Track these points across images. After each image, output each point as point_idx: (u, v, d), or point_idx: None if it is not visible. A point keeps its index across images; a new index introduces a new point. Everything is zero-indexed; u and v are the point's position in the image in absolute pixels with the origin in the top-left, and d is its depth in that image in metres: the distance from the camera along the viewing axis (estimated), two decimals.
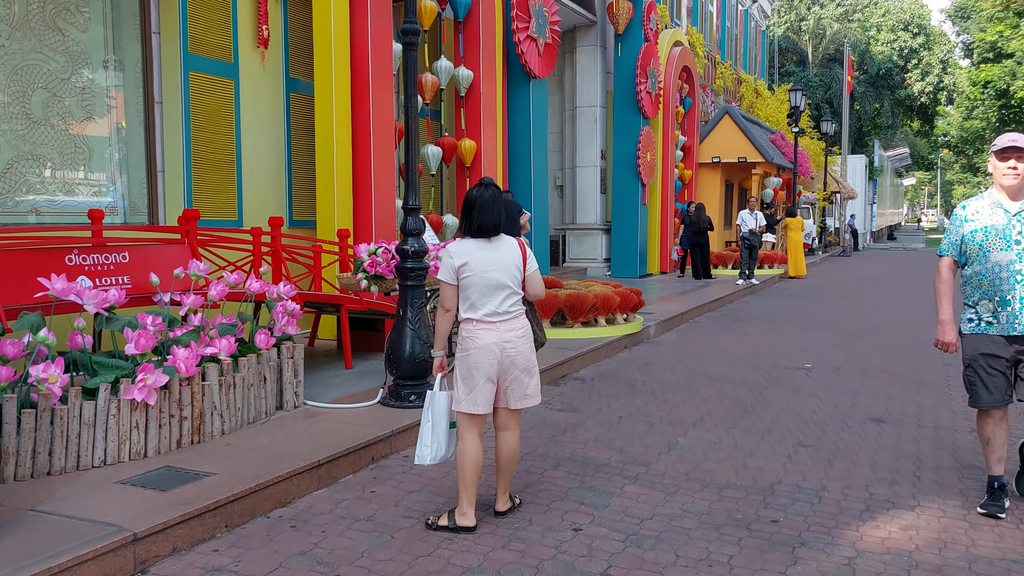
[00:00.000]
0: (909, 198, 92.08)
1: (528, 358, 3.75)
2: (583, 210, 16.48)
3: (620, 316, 8.74)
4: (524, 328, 3.76)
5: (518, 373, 3.73)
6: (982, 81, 30.79)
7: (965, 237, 4.02)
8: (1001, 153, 3.92)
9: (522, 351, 3.72)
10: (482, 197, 3.75)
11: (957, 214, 4.11)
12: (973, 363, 4.01)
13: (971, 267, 4.02)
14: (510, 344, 3.68)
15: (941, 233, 65.78)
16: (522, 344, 3.72)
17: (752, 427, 5.56)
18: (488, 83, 10.18)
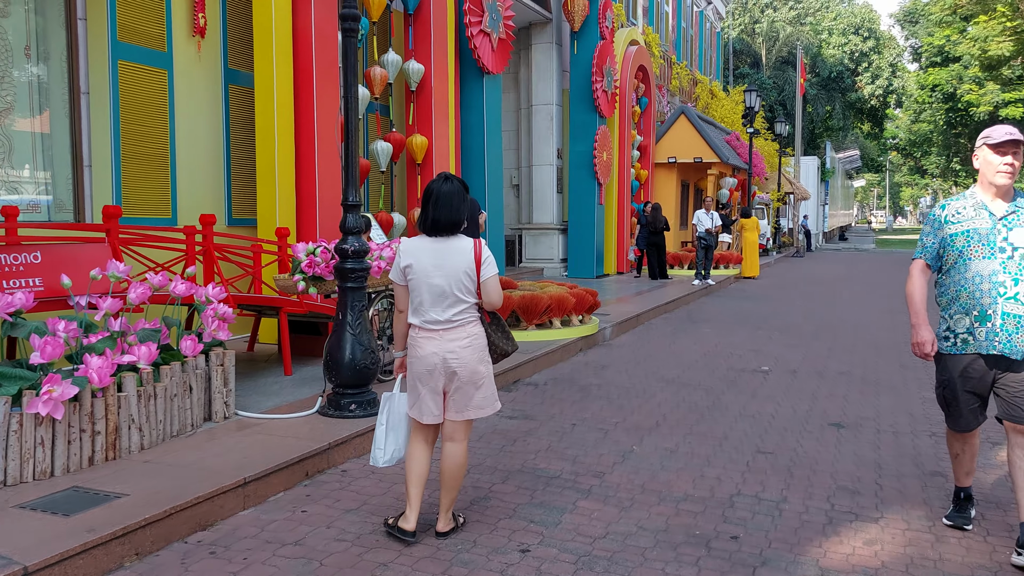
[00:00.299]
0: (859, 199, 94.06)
1: (473, 369, 3.47)
2: (539, 210, 16.25)
3: (575, 318, 8.51)
4: (470, 338, 3.48)
5: (461, 384, 3.48)
6: (930, 85, 31.43)
7: (944, 241, 3.56)
8: (998, 147, 3.43)
9: (465, 362, 3.45)
10: (440, 191, 3.47)
11: (936, 215, 3.63)
12: (949, 385, 3.64)
13: (949, 275, 3.57)
14: (452, 355, 3.43)
15: (891, 234, 67.31)
16: (466, 355, 3.45)
17: (709, 433, 5.36)
18: (440, 78, 9.87)
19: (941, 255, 3.60)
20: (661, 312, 11.61)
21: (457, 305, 3.43)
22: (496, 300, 3.49)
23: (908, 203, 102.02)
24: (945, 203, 3.66)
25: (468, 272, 3.43)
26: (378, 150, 9.06)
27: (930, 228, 3.66)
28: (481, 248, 3.48)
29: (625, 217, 17.27)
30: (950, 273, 3.57)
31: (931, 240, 3.64)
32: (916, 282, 3.70)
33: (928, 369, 7.66)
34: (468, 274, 3.43)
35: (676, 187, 21.22)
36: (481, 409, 3.55)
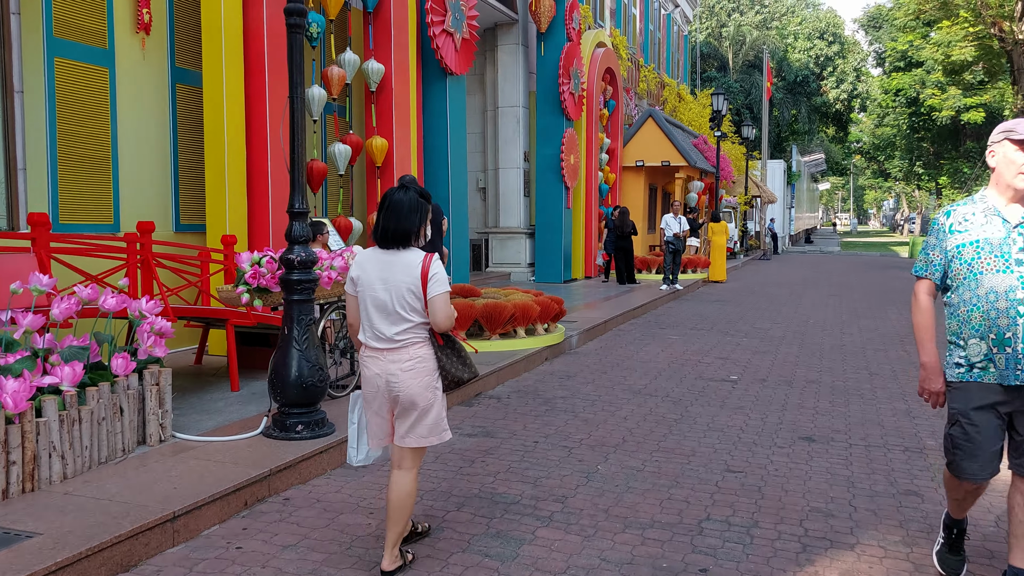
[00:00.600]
0: (824, 202, 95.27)
1: (415, 395, 3.20)
2: (506, 213, 16.00)
3: (540, 326, 8.26)
4: (413, 360, 3.21)
5: (403, 410, 3.25)
6: (893, 89, 31.77)
7: (950, 253, 3.02)
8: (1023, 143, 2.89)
9: (407, 387, 3.19)
10: (392, 199, 3.25)
11: (939, 222, 3.08)
12: (962, 421, 3.02)
13: (958, 293, 3.01)
14: (393, 378, 3.20)
15: (855, 237, 68.13)
16: (407, 379, 3.19)
17: (677, 449, 5.13)
18: (400, 78, 9.57)
19: (947, 270, 3.06)
20: (629, 318, 11.41)
21: (401, 323, 3.18)
22: (443, 321, 3.20)
23: (872, 206, 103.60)
24: (950, 209, 3.09)
25: (412, 288, 3.16)
26: (336, 153, 8.73)
27: (934, 239, 3.10)
28: (431, 263, 3.20)
29: (593, 221, 17.09)
30: (959, 290, 3.01)
31: (937, 254, 3.08)
32: (923, 308, 3.14)
33: (897, 377, 7.54)
34: (412, 291, 3.16)
35: (644, 191, 21.10)
36: (424, 439, 3.28)
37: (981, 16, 19.72)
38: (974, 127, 29.46)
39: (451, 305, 3.28)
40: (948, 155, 33.00)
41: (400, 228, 3.20)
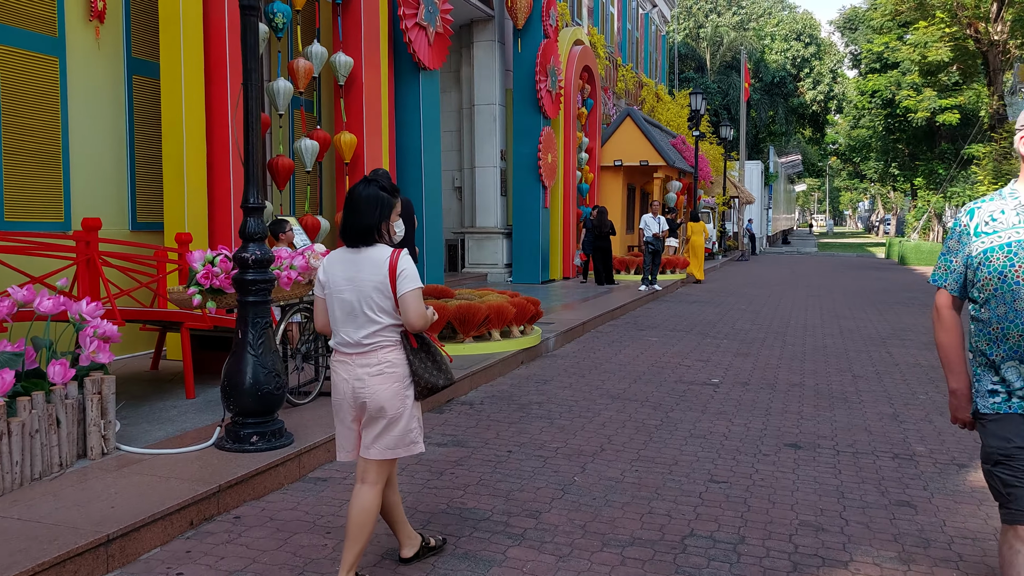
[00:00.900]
0: (801, 203, 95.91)
1: (383, 403, 2.98)
2: (483, 213, 15.71)
3: (516, 328, 7.98)
4: (382, 365, 2.99)
5: (369, 418, 3.03)
6: (869, 90, 31.87)
7: (975, 259, 2.51)
8: None
9: (373, 393, 2.98)
10: (353, 195, 3.06)
11: (961, 223, 2.57)
12: (1007, 462, 2.47)
13: (989, 307, 2.50)
14: (360, 383, 2.99)
15: (831, 237, 68.50)
16: (375, 384, 2.98)
17: (658, 457, 4.88)
18: (371, 72, 9.25)
19: (973, 279, 2.54)
20: (607, 319, 11.17)
21: (369, 325, 2.97)
22: (416, 320, 2.97)
23: (847, 207, 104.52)
24: (973, 207, 2.57)
25: (380, 287, 2.95)
26: (303, 148, 8.40)
27: (956, 243, 2.59)
28: (398, 259, 2.98)
29: (571, 221, 16.85)
30: (991, 304, 2.48)
31: (957, 261, 2.58)
32: (948, 325, 2.63)
33: (881, 379, 7.35)
34: (380, 289, 2.95)
35: (622, 190, 20.90)
36: (391, 450, 3.05)
37: (957, 17, 19.75)
38: (949, 128, 29.60)
39: (424, 303, 3.05)
40: (923, 156, 33.15)
41: (359, 224, 3.02)
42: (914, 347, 9.14)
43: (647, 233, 15.05)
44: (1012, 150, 20.64)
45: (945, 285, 2.63)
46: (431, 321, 3.09)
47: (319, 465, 4.57)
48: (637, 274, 17.32)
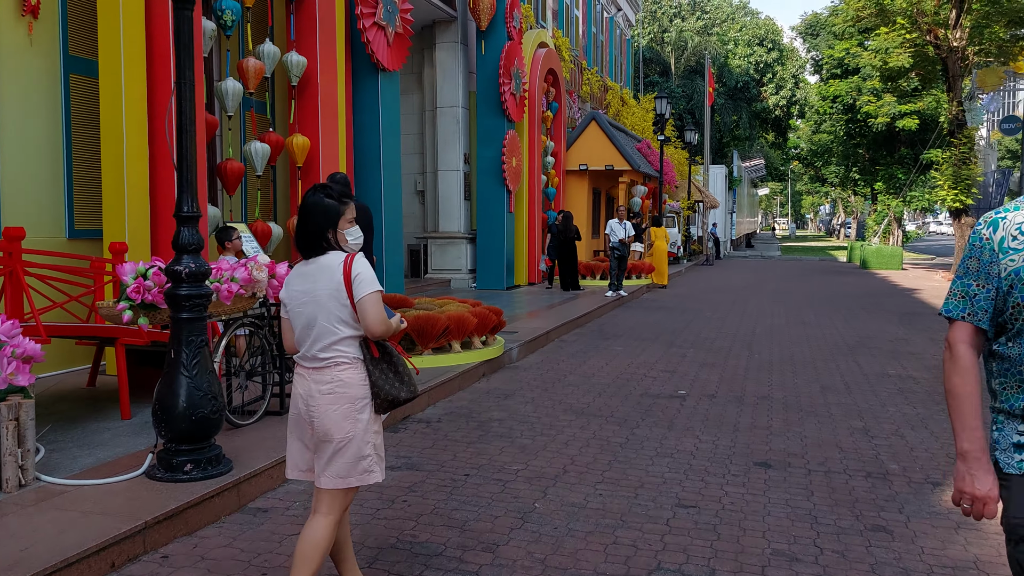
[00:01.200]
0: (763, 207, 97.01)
1: (331, 425, 2.78)
2: (446, 218, 15.41)
3: (478, 339, 7.70)
4: (332, 384, 2.79)
5: (318, 441, 2.82)
6: (830, 96, 32.16)
7: (1006, 281, 1.93)
8: None
9: (321, 414, 2.78)
10: (302, 203, 2.93)
11: (982, 236, 1.98)
12: None
13: (1018, 341, 1.93)
14: (312, 401, 2.81)
15: (794, 241, 69.25)
16: (324, 404, 2.78)
17: (623, 479, 4.64)
18: (327, 73, 8.92)
19: (1001, 307, 1.95)
20: (572, 327, 10.94)
21: (326, 337, 2.80)
22: (375, 326, 2.78)
23: (809, 211, 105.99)
24: (996, 217, 2.00)
25: (336, 295, 2.78)
26: (253, 152, 8.04)
27: (975, 262, 1.98)
28: (352, 263, 2.80)
29: (536, 226, 16.62)
30: (1020, 337, 1.93)
31: (982, 285, 1.97)
32: (963, 367, 1.98)
33: (851, 390, 7.21)
34: (336, 297, 2.78)
35: (588, 195, 20.75)
36: (342, 479, 2.81)
37: (917, 23, 19.93)
38: (908, 134, 29.98)
39: (384, 307, 2.84)
40: (883, 161, 33.55)
41: (305, 232, 2.88)
42: (881, 356, 9.05)
43: (613, 239, 14.88)
44: (971, 155, 20.91)
45: (964, 316, 1.98)
46: (395, 328, 2.90)
47: (261, 494, 4.25)
48: (603, 279, 17.15)
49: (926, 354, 9.16)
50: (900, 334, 10.79)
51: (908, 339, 10.32)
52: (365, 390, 2.83)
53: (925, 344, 9.90)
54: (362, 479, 2.83)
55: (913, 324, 11.84)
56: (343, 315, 2.79)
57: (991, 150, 31.08)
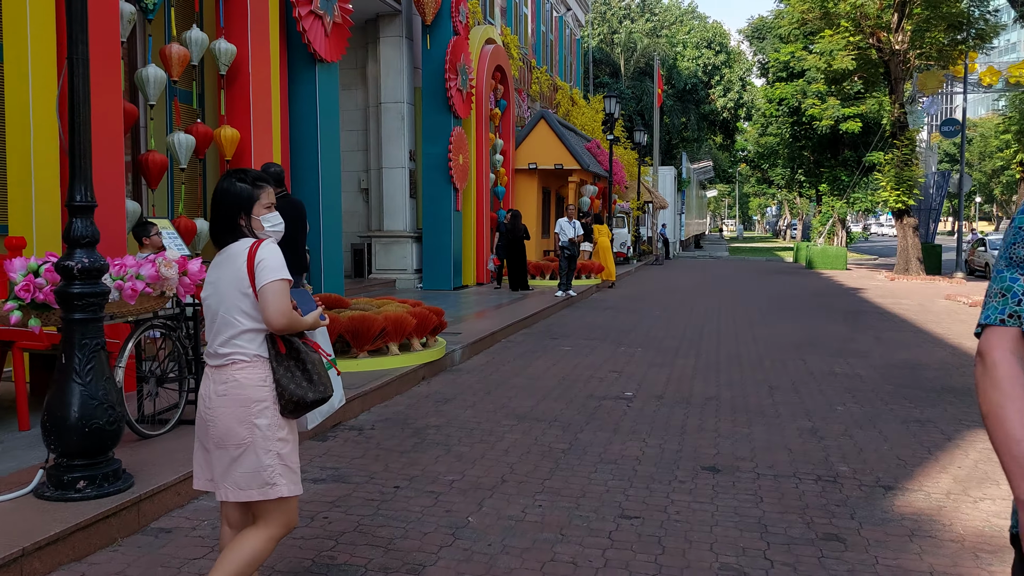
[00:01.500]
0: (712, 209, 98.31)
1: (225, 430, 2.56)
2: (391, 216, 15.00)
3: (417, 341, 7.37)
4: (227, 384, 2.57)
5: (212, 447, 2.60)
6: (776, 98, 32.57)
7: None
8: None
9: (214, 417, 2.58)
10: (215, 190, 2.73)
11: None
12: None
13: None
14: (207, 402, 2.62)
15: (741, 242, 70.23)
16: (218, 406, 2.57)
17: (564, 489, 4.36)
18: (259, 62, 8.48)
19: None
20: (519, 328, 10.67)
21: (226, 330, 2.60)
22: (274, 317, 2.54)
23: (756, 212, 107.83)
24: None
25: (238, 284, 2.57)
26: (176, 143, 7.57)
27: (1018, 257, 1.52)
28: (259, 248, 2.59)
29: (485, 224, 16.32)
30: None
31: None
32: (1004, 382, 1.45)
33: (798, 390, 7.07)
34: (238, 286, 2.57)
35: (537, 194, 20.54)
36: (242, 491, 2.58)
37: (861, 26, 20.20)
38: (852, 136, 30.51)
39: (289, 298, 2.60)
40: (828, 163, 34.12)
41: (214, 219, 2.71)
42: (827, 355, 8.97)
43: (563, 238, 14.67)
44: (913, 157, 21.29)
45: (1008, 316, 1.49)
46: (305, 324, 2.68)
47: (165, 512, 3.86)
48: (553, 279, 16.93)
49: (872, 352, 9.13)
50: (846, 333, 10.78)
51: (854, 338, 10.30)
52: (265, 391, 2.59)
53: (870, 343, 9.88)
54: (264, 492, 2.58)
55: (858, 323, 11.87)
56: (244, 305, 2.58)
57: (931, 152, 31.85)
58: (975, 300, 14.70)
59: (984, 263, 23.26)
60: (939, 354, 9.08)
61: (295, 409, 2.62)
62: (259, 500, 2.61)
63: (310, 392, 2.61)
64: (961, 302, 14.89)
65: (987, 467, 4.84)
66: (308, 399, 2.61)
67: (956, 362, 8.55)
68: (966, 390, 7.09)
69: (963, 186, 21.38)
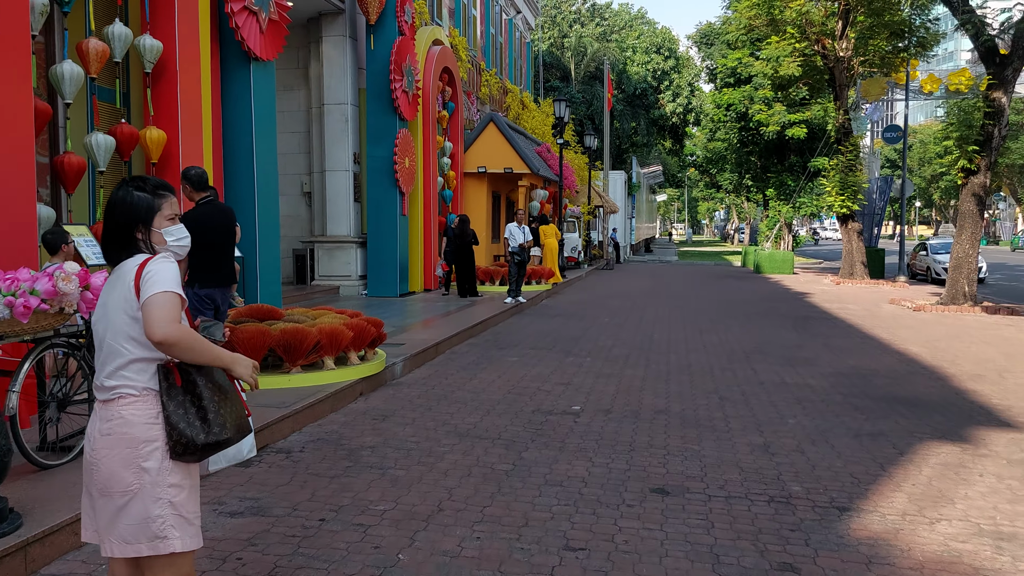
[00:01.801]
0: (662, 213, 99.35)
1: (104, 475, 2.25)
2: (334, 221, 14.56)
3: (355, 354, 7.01)
4: (112, 422, 2.25)
5: (96, 494, 2.28)
6: (724, 104, 32.88)
7: None
8: None
9: (98, 460, 2.27)
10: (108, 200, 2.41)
11: None
12: None
13: None
14: (93, 443, 2.30)
15: (690, 246, 70.96)
16: (102, 447, 2.26)
17: (505, 516, 4.08)
18: (188, 60, 8.02)
19: None
20: (466, 337, 10.36)
21: (113, 359, 2.29)
22: (155, 329, 2.20)
23: (705, 217, 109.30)
24: None
25: (127, 307, 2.27)
26: (95, 145, 7.08)
27: None
28: (148, 263, 2.28)
29: (433, 229, 15.96)
30: None
31: None
32: None
33: (748, 401, 6.91)
34: (127, 311, 2.27)
35: (487, 198, 20.26)
36: (128, 545, 2.26)
37: (806, 33, 20.41)
38: (797, 142, 30.92)
39: (177, 312, 2.24)
40: (774, 168, 34.56)
41: (106, 232, 2.40)
42: (777, 363, 8.87)
43: (512, 243, 14.40)
44: (857, 162, 21.59)
45: None
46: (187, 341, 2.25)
47: (59, 556, 3.46)
48: (503, 285, 16.66)
49: (820, 360, 9.05)
50: (794, 339, 10.73)
51: (802, 345, 10.25)
52: (156, 431, 2.28)
53: (819, 350, 9.83)
54: (154, 547, 2.27)
55: (807, 329, 11.85)
56: (133, 331, 2.27)
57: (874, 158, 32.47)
58: (919, 304, 14.88)
59: (925, 267, 23.73)
60: (887, 361, 9.06)
61: (184, 452, 2.29)
62: (148, 555, 2.28)
63: (202, 434, 2.29)
64: (906, 307, 15.06)
65: (941, 484, 4.71)
66: (199, 442, 2.29)
67: (904, 369, 8.52)
68: (915, 400, 7.02)
69: (905, 191, 21.76)
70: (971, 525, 4.04)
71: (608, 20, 47.03)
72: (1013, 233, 60.97)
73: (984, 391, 7.41)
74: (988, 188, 14.57)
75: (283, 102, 14.53)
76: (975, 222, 14.68)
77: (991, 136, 14.34)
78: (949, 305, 14.49)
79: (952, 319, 13.33)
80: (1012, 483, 4.75)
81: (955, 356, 9.39)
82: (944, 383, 7.79)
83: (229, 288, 5.98)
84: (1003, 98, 14.24)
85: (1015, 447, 5.54)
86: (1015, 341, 10.73)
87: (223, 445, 2.36)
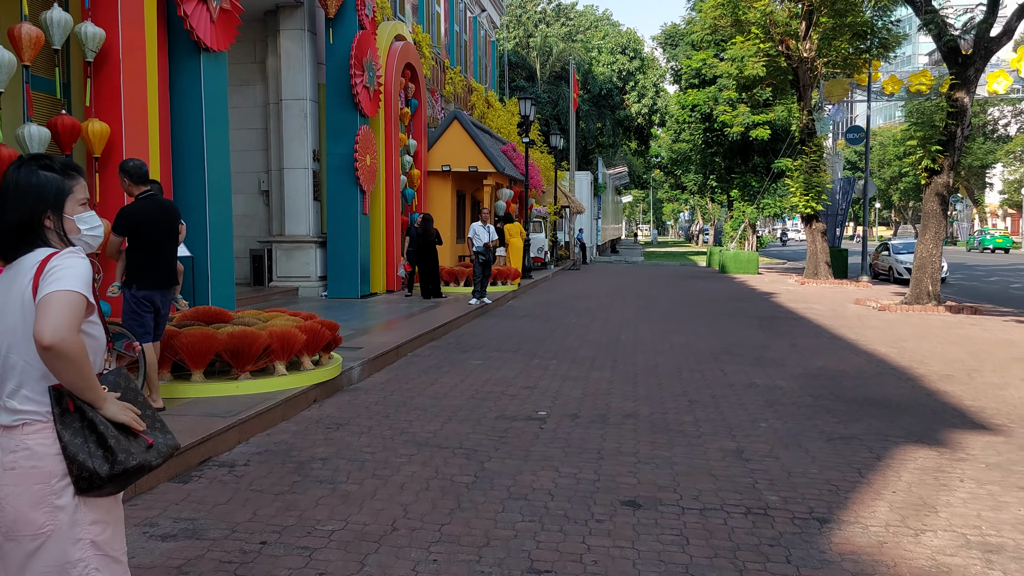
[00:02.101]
0: (627, 214, 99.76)
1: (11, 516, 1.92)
2: (293, 220, 14.12)
3: (308, 359, 6.65)
4: (16, 454, 1.92)
5: (2, 539, 1.93)
6: (689, 105, 32.92)
7: None
8: None
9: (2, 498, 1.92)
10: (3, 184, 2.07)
11: None
12: None
13: None
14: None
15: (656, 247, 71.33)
16: (7, 484, 1.92)
17: (465, 535, 3.78)
18: (131, 49, 7.59)
19: None
20: (428, 340, 10.03)
21: (12, 376, 1.97)
22: (45, 331, 1.85)
23: (670, 218, 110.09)
24: None
25: (24, 309, 1.96)
26: (28, 137, 6.64)
27: None
28: (53, 258, 1.94)
29: (395, 228, 15.59)
30: None
31: None
32: None
33: (719, 404, 6.69)
34: (24, 313, 1.96)
35: (451, 197, 19.92)
36: None
37: (770, 34, 20.42)
38: (761, 143, 31.07)
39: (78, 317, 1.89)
40: (738, 169, 34.70)
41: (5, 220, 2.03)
42: (746, 364, 8.69)
43: (477, 243, 14.09)
44: (820, 163, 21.66)
45: None
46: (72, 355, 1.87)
47: None
48: (468, 286, 16.34)
49: (789, 361, 8.90)
50: (762, 340, 10.58)
51: (769, 345, 10.10)
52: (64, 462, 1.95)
53: (787, 350, 9.68)
54: None
55: (773, 329, 11.73)
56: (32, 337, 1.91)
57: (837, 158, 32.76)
58: (883, 304, 14.89)
59: (888, 267, 23.92)
60: (855, 361, 8.93)
61: (89, 488, 1.96)
62: None
63: (105, 464, 1.95)
64: (870, 307, 15.06)
65: (921, 491, 4.51)
66: (103, 473, 1.95)
67: (872, 370, 8.39)
68: (887, 402, 6.86)
69: (868, 191, 21.89)
70: (957, 536, 3.84)
71: (573, 20, 46.95)
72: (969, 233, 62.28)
73: (955, 392, 7.29)
74: (951, 188, 14.63)
75: (240, 97, 14.07)
76: (939, 222, 14.74)
77: (954, 136, 14.40)
78: (913, 305, 14.51)
79: (917, 319, 13.33)
80: (992, 488, 4.58)
81: (923, 356, 9.30)
82: (914, 384, 7.66)
83: (171, 290, 5.59)
84: (965, 98, 14.30)
85: (991, 450, 5.38)
86: (980, 340, 10.70)
87: (142, 470, 2.03)
